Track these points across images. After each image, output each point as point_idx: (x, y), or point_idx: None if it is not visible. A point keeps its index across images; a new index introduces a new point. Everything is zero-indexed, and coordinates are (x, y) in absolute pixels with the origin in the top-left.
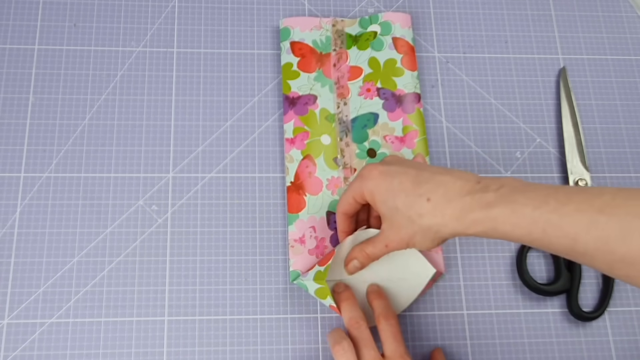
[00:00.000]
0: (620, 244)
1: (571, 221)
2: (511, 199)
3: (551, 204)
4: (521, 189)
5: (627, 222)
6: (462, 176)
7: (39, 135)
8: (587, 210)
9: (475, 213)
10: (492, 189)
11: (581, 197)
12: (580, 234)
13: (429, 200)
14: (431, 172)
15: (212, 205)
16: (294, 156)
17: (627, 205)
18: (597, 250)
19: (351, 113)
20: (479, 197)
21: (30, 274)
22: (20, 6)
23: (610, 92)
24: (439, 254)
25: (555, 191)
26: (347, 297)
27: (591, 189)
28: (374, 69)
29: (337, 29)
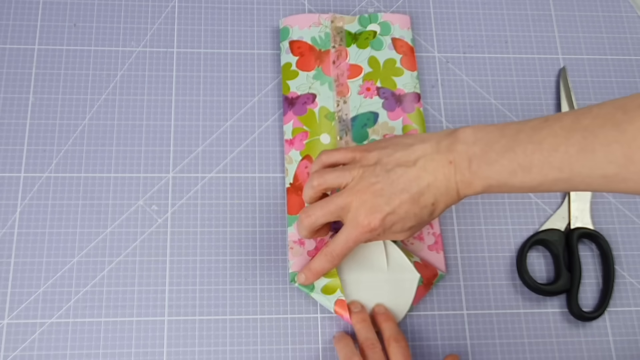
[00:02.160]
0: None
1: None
2: (485, 176)
3: (518, 174)
4: (485, 158)
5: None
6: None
7: (39, 135)
8: (549, 171)
9: (462, 193)
10: (464, 167)
11: (540, 158)
12: (551, 188)
13: (433, 204)
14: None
15: (212, 205)
16: (293, 157)
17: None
18: (568, 190)
19: (351, 112)
20: (464, 185)
21: (30, 274)
22: (20, 6)
23: (610, 92)
24: (440, 254)
25: (515, 155)
26: (364, 319)
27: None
28: (373, 68)
29: (336, 26)
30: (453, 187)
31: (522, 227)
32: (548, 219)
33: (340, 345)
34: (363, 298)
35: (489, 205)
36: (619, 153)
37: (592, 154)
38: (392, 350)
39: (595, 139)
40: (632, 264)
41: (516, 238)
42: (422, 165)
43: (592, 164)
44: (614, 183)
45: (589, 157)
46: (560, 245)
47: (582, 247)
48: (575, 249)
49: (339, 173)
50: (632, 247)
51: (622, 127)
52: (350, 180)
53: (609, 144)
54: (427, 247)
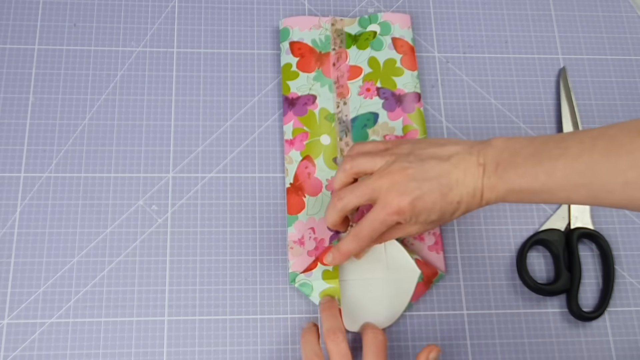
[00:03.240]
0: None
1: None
2: (508, 180)
3: (540, 179)
4: (512, 163)
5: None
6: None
7: (39, 135)
8: (572, 176)
9: (486, 198)
10: (491, 170)
11: (564, 164)
12: (572, 195)
13: (459, 202)
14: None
15: (212, 205)
16: (293, 157)
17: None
18: (589, 202)
19: (351, 113)
20: (489, 187)
21: (30, 274)
22: (20, 6)
23: (610, 92)
24: (440, 254)
25: (540, 161)
26: (330, 307)
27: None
28: (373, 69)
29: (336, 28)
30: (479, 189)
31: (522, 227)
32: (548, 219)
33: (303, 342)
34: (362, 298)
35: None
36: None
37: (615, 159)
38: (366, 338)
39: (621, 146)
40: (632, 264)
41: (516, 238)
42: (454, 161)
43: (615, 169)
44: (634, 189)
45: (613, 162)
46: (560, 245)
47: (582, 247)
48: (575, 249)
49: (372, 157)
50: (632, 247)
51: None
52: (382, 164)
53: (633, 151)
54: (427, 248)
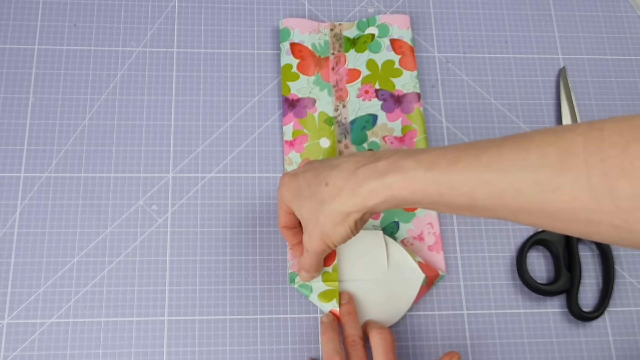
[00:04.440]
0: (515, 198)
1: (463, 180)
2: (402, 165)
3: (442, 164)
4: (412, 154)
5: (515, 176)
6: (358, 154)
7: (39, 135)
8: (476, 167)
9: (369, 184)
10: (384, 157)
11: (469, 154)
12: (475, 192)
13: (327, 184)
14: (331, 160)
15: (212, 205)
16: (293, 159)
17: (512, 158)
18: (495, 205)
19: (350, 115)
20: (371, 167)
21: (30, 274)
22: (20, 6)
23: (610, 92)
24: (440, 254)
25: (445, 151)
26: (349, 312)
27: (479, 143)
28: (372, 71)
29: (335, 33)
30: (358, 172)
31: (522, 227)
32: None
33: (325, 339)
34: (362, 299)
35: None
36: (554, 156)
37: (525, 154)
38: (374, 340)
39: (531, 141)
40: (632, 264)
41: (516, 238)
42: (341, 158)
43: (523, 164)
44: (544, 192)
45: (522, 156)
46: (560, 245)
47: (582, 247)
48: (575, 249)
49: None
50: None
51: (561, 133)
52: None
53: (545, 146)
54: (427, 248)
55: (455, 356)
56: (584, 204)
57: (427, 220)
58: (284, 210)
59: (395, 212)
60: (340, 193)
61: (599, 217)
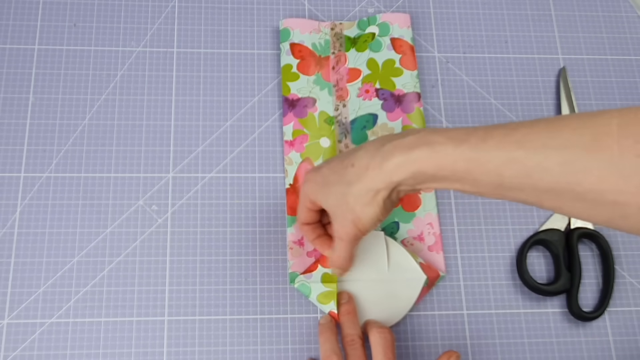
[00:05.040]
0: (542, 176)
1: (492, 157)
2: (430, 140)
3: (471, 141)
4: (441, 130)
5: (545, 155)
6: (384, 135)
7: (39, 135)
8: (506, 145)
9: (396, 158)
10: (412, 133)
11: (500, 132)
12: (503, 169)
13: (353, 165)
14: (356, 147)
15: (212, 205)
16: (293, 159)
17: (543, 137)
18: (522, 184)
19: (350, 115)
20: (397, 142)
21: (30, 274)
22: (20, 6)
23: (610, 92)
24: (440, 254)
25: (475, 129)
26: (348, 312)
27: (511, 124)
28: (372, 70)
29: (335, 32)
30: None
31: (522, 227)
32: (548, 219)
33: (322, 340)
34: (362, 299)
35: (489, 205)
36: (587, 137)
37: (557, 134)
38: (373, 339)
39: (565, 123)
40: (632, 264)
41: (516, 238)
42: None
43: (554, 143)
44: (573, 172)
45: (554, 136)
46: (560, 245)
47: (582, 247)
48: (575, 249)
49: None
50: (632, 247)
51: (596, 115)
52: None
53: (578, 127)
54: (427, 248)
55: (453, 355)
56: (612, 185)
57: (427, 221)
58: (306, 207)
59: (395, 213)
60: (366, 171)
61: (626, 199)
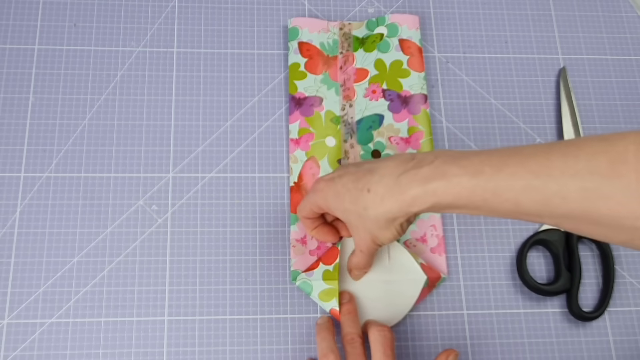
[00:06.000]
0: (560, 204)
1: (509, 186)
2: (446, 171)
3: (486, 172)
4: (456, 157)
5: (562, 183)
6: (397, 157)
7: (39, 135)
8: (523, 174)
9: (413, 190)
10: (426, 162)
11: (515, 160)
12: (521, 198)
13: (369, 191)
14: (369, 164)
15: (212, 205)
16: (298, 157)
17: (560, 166)
18: (539, 210)
19: (356, 115)
20: (413, 173)
21: (30, 274)
22: (20, 6)
23: (610, 92)
24: (442, 256)
25: (489, 157)
26: (349, 311)
27: (525, 149)
28: (379, 71)
29: (344, 32)
30: (402, 178)
31: (522, 227)
32: None
33: (319, 339)
34: (364, 298)
35: None
36: (604, 164)
37: (574, 161)
38: (373, 337)
39: (580, 148)
40: (632, 264)
41: (516, 238)
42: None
43: (572, 171)
44: (592, 199)
45: (570, 163)
46: (560, 245)
47: (582, 247)
48: (575, 249)
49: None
50: None
51: (611, 140)
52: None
53: (594, 153)
54: (430, 250)
55: (452, 354)
56: (631, 211)
57: (430, 223)
58: (312, 210)
59: None
60: (383, 200)
61: None
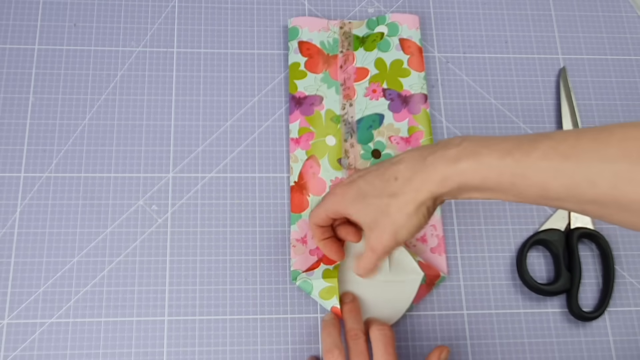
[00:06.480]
0: (589, 188)
1: (538, 170)
2: (475, 152)
3: (516, 154)
4: (483, 141)
5: (592, 167)
6: (420, 147)
7: (39, 135)
8: (553, 157)
9: (442, 170)
10: (453, 145)
11: (546, 144)
12: (549, 182)
13: (396, 179)
14: (391, 160)
15: (212, 205)
16: (298, 156)
17: (591, 150)
18: (567, 195)
19: (357, 114)
20: (440, 154)
21: (30, 274)
22: (20, 6)
23: (610, 92)
24: (442, 256)
25: (519, 141)
26: (352, 309)
27: (555, 134)
28: (380, 70)
29: (344, 31)
30: (427, 163)
31: (522, 227)
32: (548, 219)
33: (324, 334)
34: (363, 298)
35: (489, 205)
36: (635, 150)
37: (605, 145)
38: (373, 336)
39: (611, 134)
40: (632, 264)
41: (516, 238)
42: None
43: (602, 156)
44: (621, 183)
45: (601, 148)
46: (560, 245)
47: (582, 247)
48: (575, 249)
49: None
50: (632, 247)
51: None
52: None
53: (625, 139)
54: (430, 250)
55: (444, 351)
56: None
57: (431, 222)
58: (326, 215)
59: None
60: (411, 183)
61: None
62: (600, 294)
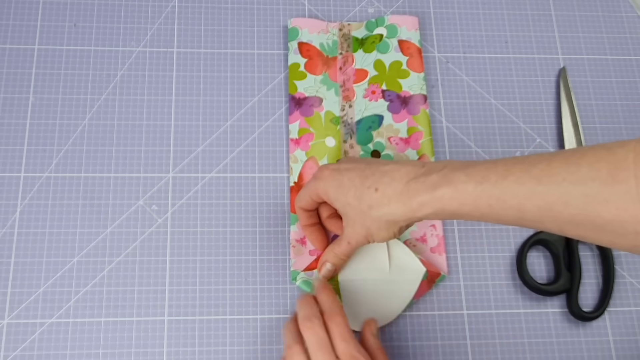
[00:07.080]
0: (563, 210)
1: (513, 193)
2: (453, 178)
3: (492, 179)
4: (463, 166)
5: (564, 189)
6: (409, 163)
7: (39, 135)
8: (526, 181)
9: (421, 196)
10: (435, 170)
11: (519, 168)
12: (525, 204)
13: (376, 190)
14: (379, 164)
15: (212, 205)
16: (298, 157)
17: (562, 172)
18: (543, 217)
19: (356, 115)
20: (422, 180)
21: (30, 274)
22: (20, 6)
23: (610, 92)
24: (442, 256)
25: (494, 165)
26: (304, 295)
27: (529, 158)
28: (379, 71)
29: (343, 33)
30: (410, 180)
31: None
32: None
33: (285, 332)
34: (363, 297)
35: None
36: (604, 171)
37: (576, 167)
38: (329, 329)
39: (582, 157)
40: (632, 264)
41: (516, 238)
42: (392, 163)
43: (574, 177)
44: (593, 204)
45: (573, 170)
46: (560, 245)
47: (582, 247)
48: (575, 249)
49: None
50: None
51: (612, 149)
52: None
53: (595, 161)
54: (430, 250)
55: (372, 323)
56: (633, 216)
57: (430, 222)
58: (312, 199)
59: None
60: (389, 203)
61: None
62: (600, 294)
